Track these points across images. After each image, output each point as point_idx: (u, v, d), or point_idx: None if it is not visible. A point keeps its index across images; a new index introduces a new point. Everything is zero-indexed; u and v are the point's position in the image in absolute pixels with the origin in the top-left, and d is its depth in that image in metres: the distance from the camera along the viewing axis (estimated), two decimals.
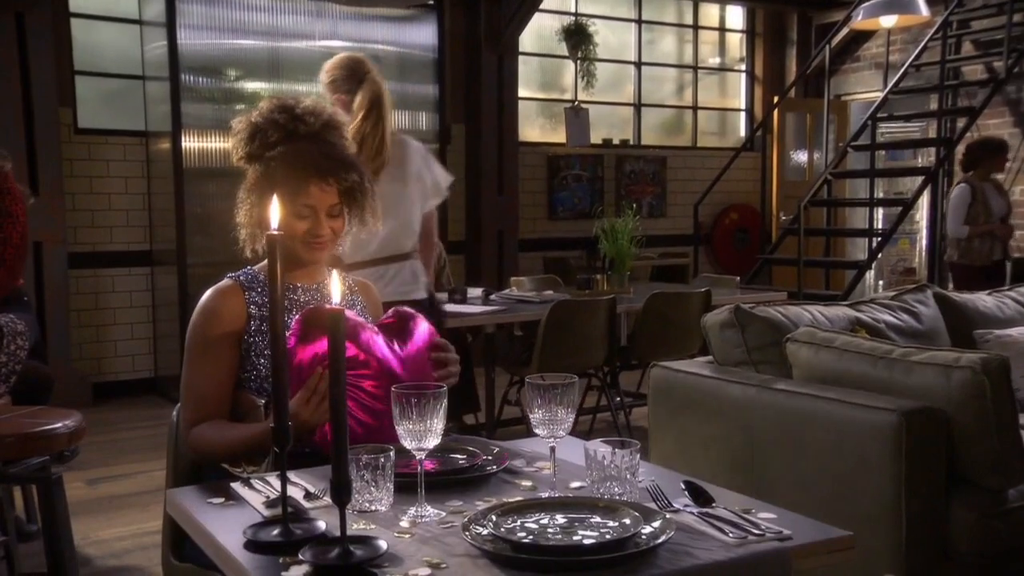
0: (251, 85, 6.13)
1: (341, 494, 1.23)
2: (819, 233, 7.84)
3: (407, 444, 1.42)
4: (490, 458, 1.66)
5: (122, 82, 6.21)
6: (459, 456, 1.67)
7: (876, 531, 2.35)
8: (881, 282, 9.85)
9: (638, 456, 1.44)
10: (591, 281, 4.83)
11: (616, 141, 8.30)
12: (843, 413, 2.44)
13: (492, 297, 4.71)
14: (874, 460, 2.34)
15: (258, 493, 1.52)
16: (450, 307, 4.41)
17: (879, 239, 7.07)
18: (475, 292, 4.75)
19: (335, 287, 1.23)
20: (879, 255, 7.37)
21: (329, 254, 1.98)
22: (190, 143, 5.81)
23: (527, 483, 1.58)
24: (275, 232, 1.31)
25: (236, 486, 1.56)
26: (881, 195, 8.87)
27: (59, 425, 2.37)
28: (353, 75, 3.21)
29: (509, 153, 7.34)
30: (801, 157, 8.96)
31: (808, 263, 6.97)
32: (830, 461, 2.46)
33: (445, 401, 1.42)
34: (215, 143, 5.86)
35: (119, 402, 5.90)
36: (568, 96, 8.05)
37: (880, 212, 8.74)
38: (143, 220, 6.20)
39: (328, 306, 1.23)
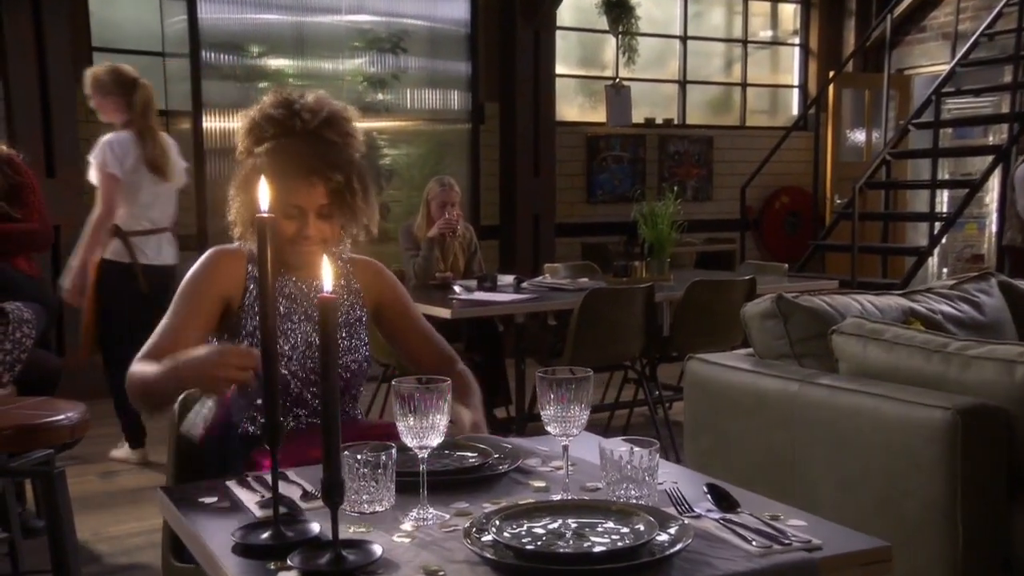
0: (275, 62, 6.14)
1: (332, 495, 1.21)
2: (876, 217, 7.69)
3: (408, 442, 1.39)
4: (501, 457, 1.62)
5: (141, 59, 6.22)
6: (469, 454, 1.64)
7: (929, 539, 2.29)
8: (945, 270, 9.64)
9: (657, 456, 1.39)
10: (629, 268, 4.79)
11: (659, 120, 8.23)
12: (893, 411, 2.38)
13: (524, 285, 4.68)
14: (926, 462, 2.28)
15: (253, 492, 1.50)
16: (479, 295, 4.39)
17: (942, 224, 6.91)
18: (506, 279, 4.73)
19: (326, 274, 1.20)
20: (942, 241, 7.21)
21: (321, 255, 1.94)
22: (211, 123, 5.84)
23: (539, 484, 1.54)
24: (264, 215, 1.28)
25: (231, 484, 1.54)
26: (947, 176, 8.66)
27: (61, 417, 2.38)
28: (124, 80, 3.84)
29: (546, 133, 7.28)
30: (858, 136, 8.79)
31: (863, 249, 6.84)
32: (878, 462, 2.40)
33: (448, 397, 1.39)
34: (237, 123, 5.87)
35: None
36: (608, 73, 7.97)
37: (945, 195, 8.54)
38: None
39: (327, 294, 1.19)
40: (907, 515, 2.31)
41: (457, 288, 4.48)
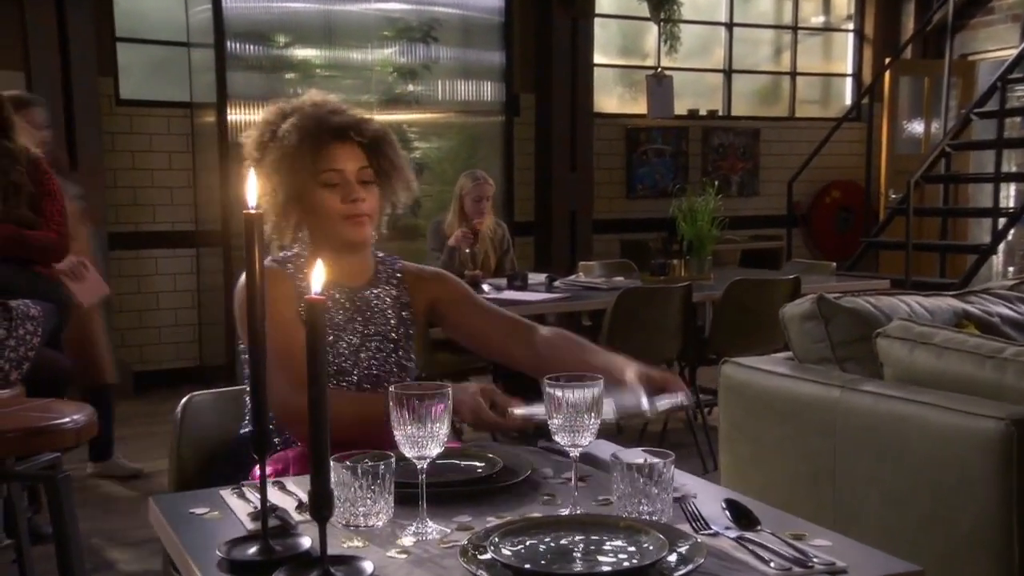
0: (302, 52, 6.16)
1: (320, 508, 1.18)
2: (934, 213, 7.54)
3: (407, 452, 1.36)
4: (510, 467, 1.58)
5: (166, 49, 6.30)
6: (477, 464, 1.61)
7: (981, 558, 2.23)
8: (1011, 269, 9.42)
9: (672, 469, 1.35)
10: (667, 267, 4.74)
11: (703, 112, 8.16)
12: (942, 420, 2.31)
13: (556, 284, 4.65)
14: (979, 475, 2.21)
15: (248, 503, 1.48)
16: (508, 294, 4.37)
17: (1007, 219, 6.75)
18: (537, 278, 4.70)
19: (316, 276, 1.17)
20: (1007, 237, 7.04)
21: (371, 236, 1.93)
22: (237, 115, 5.86)
23: (549, 497, 1.50)
24: (252, 211, 1.25)
25: (225, 494, 1.52)
26: (1013, 169, 8.45)
27: (66, 420, 2.38)
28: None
29: (583, 125, 7.24)
30: (916, 127, 8.63)
31: (919, 247, 6.71)
32: (926, 475, 2.33)
33: (449, 403, 1.35)
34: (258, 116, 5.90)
35: (161, 393, 6.01)
36: (650, 62, 7.92)
37: (1012, 188, 8.34)
38: (188, 198, 6.30)
39: (315, 295, 1.17)
40: (958, 532, 2.25)
41: (486, 287, 4.45)
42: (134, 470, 4.35)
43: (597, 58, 7.44)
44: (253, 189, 1.26)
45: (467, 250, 4.82)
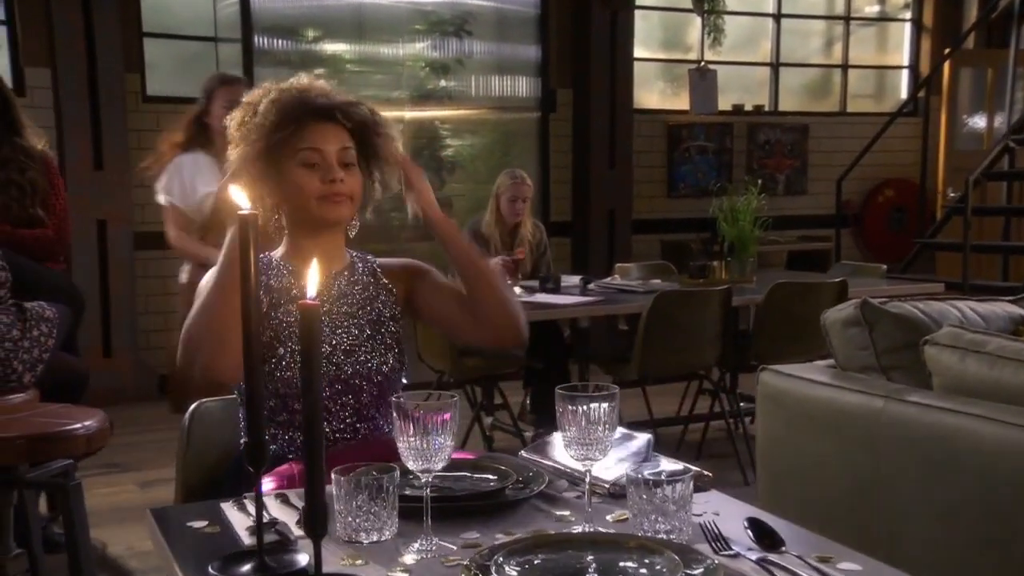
0: (331, 47, 6.18)
1: (315, 525, 1.16)
2: (995, 212, 7.38)
3: (411, 464, 1.34)
4: (522, 481, 1.56)
5: (194, 45, 6.35)
6: (489, 476, 1.58)
7: None
8: None
9: (691, 485, 1.31)
10: (706, 269, 4.69)
11: (748, 107, 8.09)
12: (995, 433, 2.25)
13: (591, 286, 4.62)
14: None
15: (248, 517, 1.46)
16: (541, 297, 4.34)
17: None
18: (571, 280, 4.67)
19: (312, 279, 1.15)
20: None
21: (349, 218, 1.91)
22: None
23: (563, 512, 1.47)
24: (247, 212, 1.24)
25: (226, 507, 1.51)
26: None
27: (77, 427, 2.39)
28: None
29: (623, 122, 7.20)
30: (977, 122, 8.47)
31: (978, 248, 6.57)
32: (978, 492, 2.27)
33: (455, 412, 1.33)
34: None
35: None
36: (692, 56, 7.86)
37: None
38: None
39: (309, 300, 1.15)
40: (1012, 554, 2.19)
41: (517, 289, 4.42)
42: None
43: (637, 52, 7.39)
44: (242, 192, 1.24)
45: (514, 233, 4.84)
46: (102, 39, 5.81)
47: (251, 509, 1.49)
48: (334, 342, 1.89)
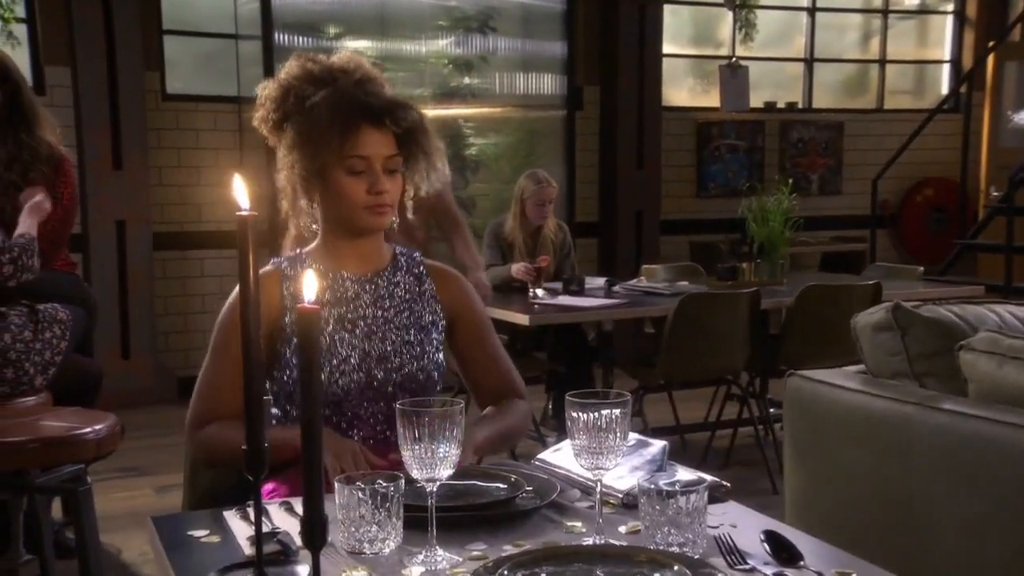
0: (353, 43, 6.18)
1: (313, 537, 1.15)
2: None
3: (415, 474, 1.32)
4: (533, 489, 1.54)
5: (214, 42, 6.38)
6: (500, 485, 1.57)
7: None
8: None
9: (705, 497, 1.29)
10: (735, 271, 4.66)
11: (781, 104, 8.05)
12: None
13: (615, 288, 4.60)
14: None
15: (251, 525, 1.45)
16: (564, 299, 4.32)
17: None
18: (596, 282, 4.65)
19: (308, 284, 1.14)
20: None
21: (389, 221, 1.91)
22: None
23: (574, 523, 1.46)
24: (246, 212, 1.23)
25: (229, 515, 1.50)
26: None
27: (87, 431, 2.40)
28: None
29: (651, 120, 7.17)
30: (1022, 118, 8.35)
31: (1021, 249, 6.47)
32: (1016, 504, 2.24)
33: (461, 419, 1.31)
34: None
35: None
36: (723, 52, 7.82)
37: None
38: None
39: (308, 304, 1.13)
40: None
41: (540, 291, 4.41)
42: None
43: (666, 47, 7.35)
44: (243, 190, 1.24)
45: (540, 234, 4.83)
46: (121, 36, 5.85)
47: (254, 516, 1.48)
48: (367, 348, 1.88)
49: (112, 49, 5.84)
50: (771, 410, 4.52)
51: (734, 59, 7.63)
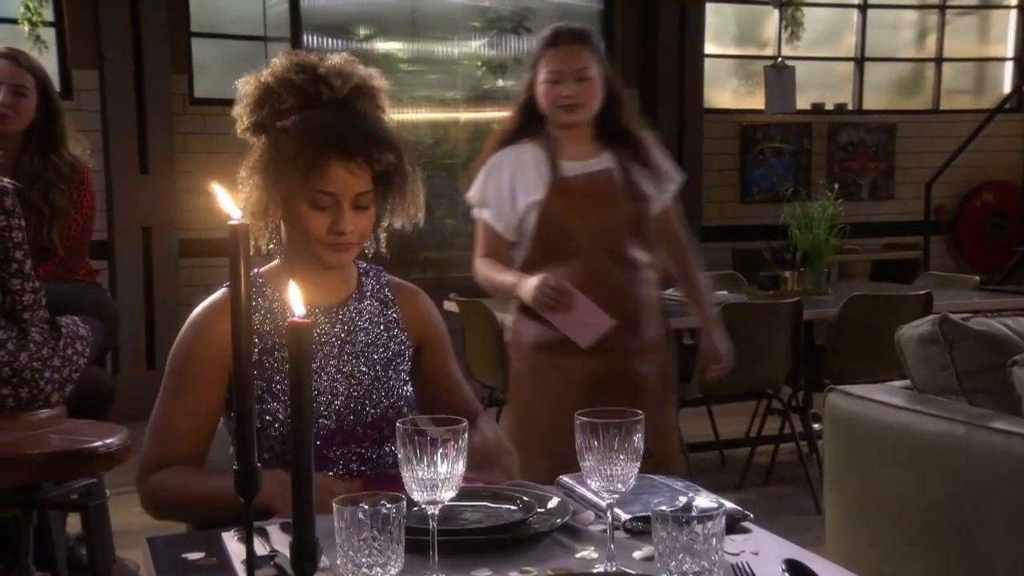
0: (384, 45, 6.22)
1: (303, 564, 1.12)
2: None
3: (415, 496, 1.30)
4: (546, 512, 1.51)
5: (243, 45, 6.43)
6: (510, 507, 1.54)
7: None
8: None
9: (722, 522, 1.25)
10: (777, 280, 4.61)
11: (830, 106, 8.00)
12: None
13: None
14: None
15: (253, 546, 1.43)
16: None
17: None
18: None
19: (295, 298, 1.12)
20: None
21: (354, 258, 1.85)
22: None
23: (586, 549, 1.42)
24: (238, 221, 1.21)
25: (227, 536, 1.48)
26: None
27: (98, 444, 2.39)
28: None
29: (692, 122, 7.14)
30: None
31: None
32: None
33: (464, 439, 1.28)
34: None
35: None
36: (769, 51, 7.79)
37: None
38: None
39: (297, 318, 1.11)
40: None
41: None
42: None
43: (709, 48, 7.33)
44: (229, 202, 1.22)
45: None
46: (149, 39, 5.90)
47: (256, 540, 1.46)
48: (337, 389, 1.80)
49: (139, 52, 5.90)
50: (815, 425, 4.45)
51: (780, 59, 7.59)
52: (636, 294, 2.79)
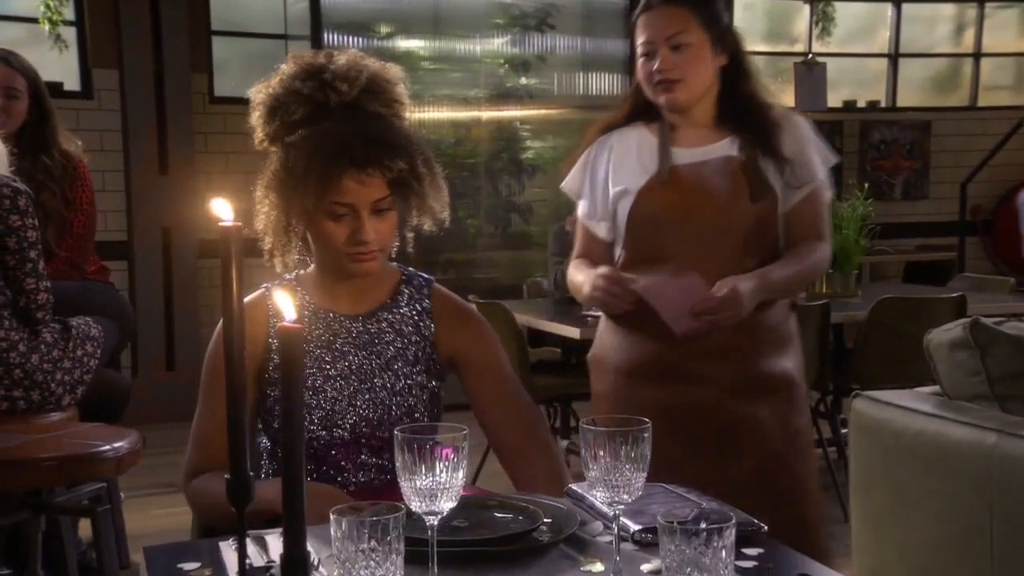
0: (404, 43, 6.21)
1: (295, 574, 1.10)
2: None
3: (414, 506, 1.27)
4: (553, 522, 1.48)
5: (263, 43, 6.44)
6: (516, 516, 1.51)
7: None
8: None
9: (731, 534, 1.21)
10: None
11: (862, 103, 7.93)
12: None
13: None
14: None
15: (246, 558, 1.42)
16: None
17: None
18: None
19: (285, 304, 1.10)
20: None
21: (381, 265, 1.84)
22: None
23: (593, 562, 1.39)
24: (229, 224, 1.19)
25: (225, 546, 1.47)
26: None
27: (106, 448, 2.39)
28: None
29: None
30: None
31: None
32: None
33: (464, 445, 1.26)
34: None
35: None
36: (799, 48, 7.72)
37: None
38: None
39: (288, 323, 1.09)
40: None
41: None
42: None
43: None
44: (223, 202, 1.20)
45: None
46: (169, 38, 5.92)
47: (250, 549, 1.44)
48: (358, 403, 1.81)
49: (159, 51, 5.91)
50: (844, 431, 4.40)
51: (810, 55, 7.52)
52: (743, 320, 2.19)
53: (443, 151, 6.30)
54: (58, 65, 5.94)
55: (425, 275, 1.95)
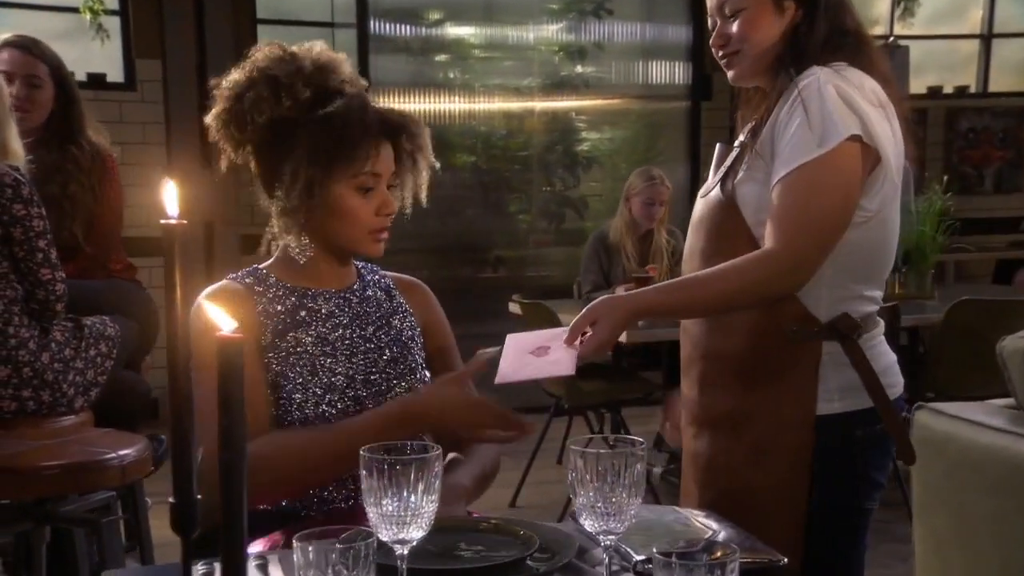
0: (454, 31, 6.21)
1: None
2: None
3: (382, 534, 1.20)
4: (548, 550, 1.41)
5: (309, 31, 6.45)
6: (508, 541, 1.44)
7: None
8: None
9: (735, 568, 1.13)
10: None
11: (949, 89, 7.79)
12: None
13: None
14: None
15: None
16: None
17: None
18: None
19: (218, 314, 1.03)
20: None
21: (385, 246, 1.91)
22: (381, 103, 5.93)
23: None
24: (174, 221, 1.14)
25: (199, 567, 1.42)
26: None
27: (111, 456, 2.37)
28: None
29: None
30: None
31: None
32: None
33: (438, 467, 1.19)
34: (410, 103, 5.93)
35: None
36: (879, 30, 7.55)
37: None
38: None
39: (226, 332, 1.03)
40: None
41: None
42: None
43: None
44: (174, 192, 1.14)
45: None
46: (212, 29, 5.94)
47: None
48: (351, 370, 1.81)
49: (202, 40, 5.94)
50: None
51: (891, 38, 7.35)
52: (702, 344, 2.03)
53: (494, 143, 6.27)
54: (101, 56, 6.01)
55: (367, 263, 2.03)
